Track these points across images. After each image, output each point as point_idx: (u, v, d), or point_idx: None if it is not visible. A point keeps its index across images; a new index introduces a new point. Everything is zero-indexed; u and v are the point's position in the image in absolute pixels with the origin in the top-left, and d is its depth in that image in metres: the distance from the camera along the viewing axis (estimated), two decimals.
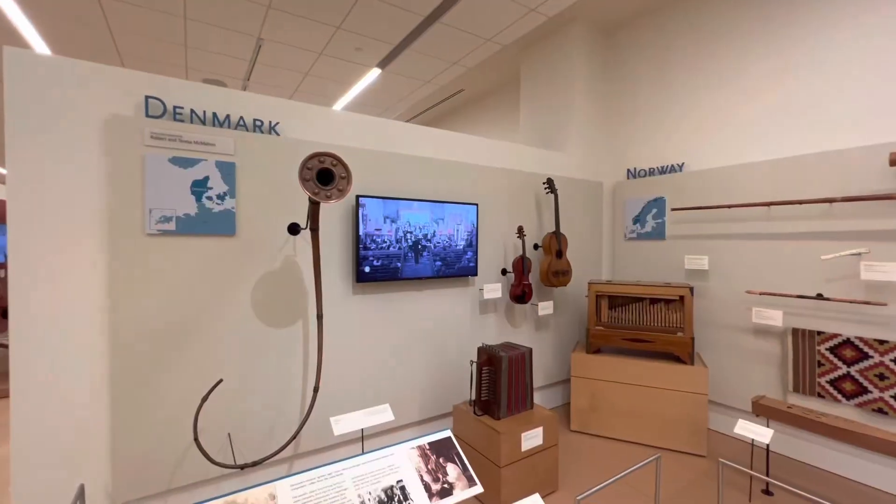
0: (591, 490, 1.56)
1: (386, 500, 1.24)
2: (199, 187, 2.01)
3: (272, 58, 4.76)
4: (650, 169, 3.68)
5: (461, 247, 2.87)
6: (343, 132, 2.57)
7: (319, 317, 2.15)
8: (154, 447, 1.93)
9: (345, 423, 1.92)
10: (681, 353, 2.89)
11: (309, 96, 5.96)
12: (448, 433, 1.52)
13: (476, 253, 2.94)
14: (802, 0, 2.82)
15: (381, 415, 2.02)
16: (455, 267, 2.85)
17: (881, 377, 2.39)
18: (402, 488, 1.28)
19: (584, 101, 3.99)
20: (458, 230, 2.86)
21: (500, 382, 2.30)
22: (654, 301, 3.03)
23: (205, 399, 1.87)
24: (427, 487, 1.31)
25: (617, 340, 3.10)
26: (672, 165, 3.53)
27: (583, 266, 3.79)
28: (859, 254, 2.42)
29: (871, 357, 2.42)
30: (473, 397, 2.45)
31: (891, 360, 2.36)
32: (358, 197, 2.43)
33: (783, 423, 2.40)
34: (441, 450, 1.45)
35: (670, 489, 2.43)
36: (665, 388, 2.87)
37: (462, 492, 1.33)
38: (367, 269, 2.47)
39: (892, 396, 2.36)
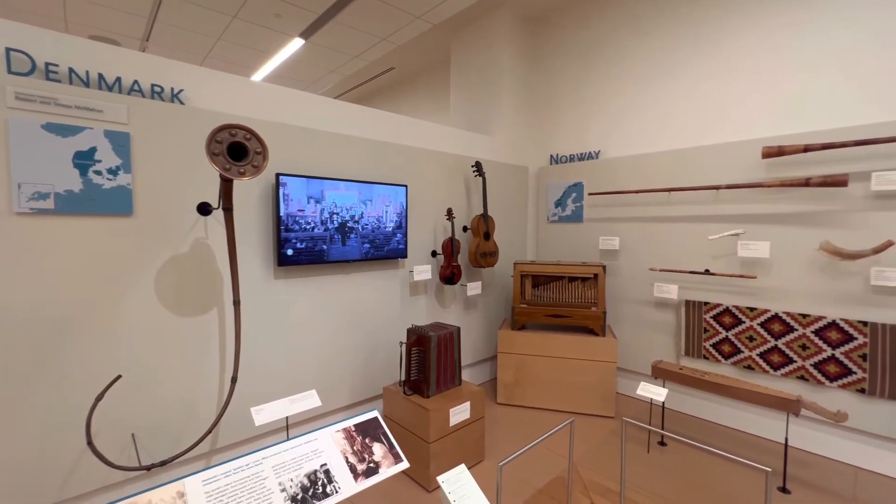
0: (511, 457, 1.67)
1: (309, 485, 1.22)
2: (83, 160, 1.75)
3: (177, 17, 4.24)
4: (571, 155, 3.90)
5: (390, 229, 2.84)
6: (262, 105, 2.39)
7: (236, 303, 2.01)
8: (39, 455, 1.70)
9: (267, 413, 1.84)
10: (594, 326, 3.16)
11: (223, 64, 5.43)
12: (374, 413, 1.53)
13: (406, 235, 2.92)
14: (705, 12, 3.11)
15: (307, 401, 1.96)
16: (384, 249, 2.82)
17: (751, 339, 2.82)
18: (327, 472, 1.27)
19: (512, 87, 4.09)
20: (387, 212, 2.81)
21: (429, 362, 2.35)
22: (572, 279, 3.26)
23: (99, 398, 1.68)
24: (353, 468, 1.31)
25: (539, 317, 3.30)
26: (590, 152, 3.77)
27: (509, 247, 3.94)
28: (737, 234, 2.80)
29: (744, 322, 2.84)
30: (403, 378, 2.47)
31: (758, 325, 2.78)
32: (278, 175, 2.29)
33: (676, 384, 2.75)
34: (367, 430, 1.45)
35: (583, 448, 2.68)
36: (580, 358, 3.12)
37: (388, 469, 1.35)
38: (289, 252, 2.35)
39: (758, 355, 2.79)
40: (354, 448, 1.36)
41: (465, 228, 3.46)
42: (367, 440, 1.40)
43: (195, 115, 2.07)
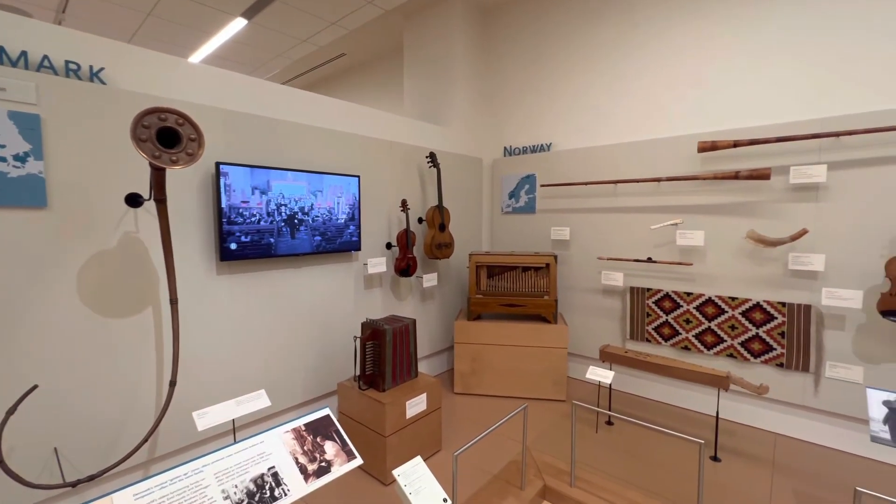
0: (466, 446, 1.69)
1: (255, 489, 1.16)
2: None
3: None
4: (524, 147, 3.97)
5: (343, 221, 2.76)
6: (199, 88, 2.22)
7: (173, 301, 1.87)
8: None
9: (211, 417, 1.74)
10: (546, 313, 3.26)
11: (156, 43, 4.99)
12: (326, 411, 1.48)
13: (359, 227, 2.85)
14: (646, 11, 3.24)
15: (256, 402, 1.88)
16: (337, 242, 2.73)
17: (687, 322, 3.02)
18: (275, 475, 1.21)
19: (466, 78, 4.08)
20: (339, 203, 2.73)
21: (384, 355, 2.32)
22: (525, 269, 3.33)
23: (11, 412, 1.51)
24: (303, 469, 1.26)
25: (494, 306, 3.35)
26: (542, 145, 3.85)
27: (464, 238, 3.97)
28: (676, 224, 2.98)
29: (682, 306, 3.04)
30: (358, 373, 2.42)
31: (694, 308, 2.99)
32: (219, 164, 2.14)
33: (622, 366, 2.90)
34: (319, 429, 1.40)
35: (537, 432, 2.77)
36: (534, 345, 3.21)
37: (340, 467, 1.31)
38: (233, 247, 2.22)
39: (694, 336, 3.00)
40: (305, 448, 1.32)
41: (420, 220, 3.43)
42: (318, 439, 1.36)
43: (120, 97, 1.88)
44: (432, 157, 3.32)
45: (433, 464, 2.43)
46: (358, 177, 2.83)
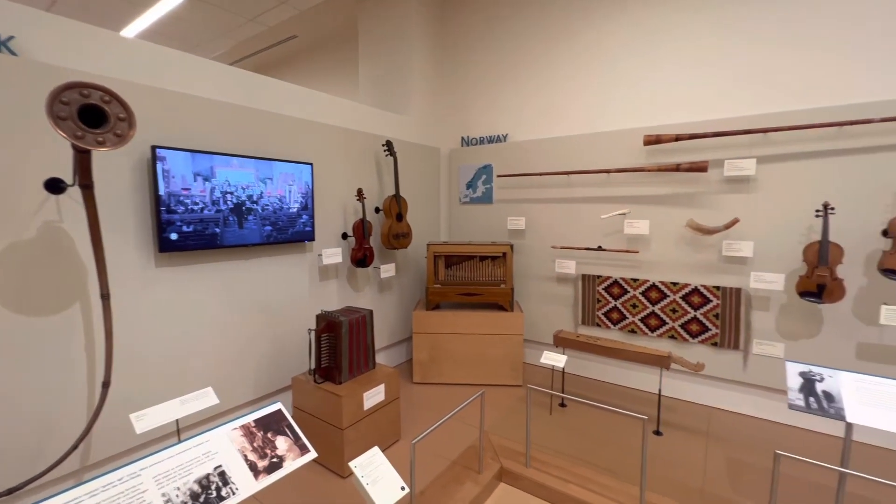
0: (423, 434, 1.69)
1: (200, 490, 1.10)
2: None
3: None
4: (481, 138, 3.99)
5: (295, 210, 2.66)
6: (132, 65, 2.03)
7: (104, 296, 1.73)
8: None
9: (152, 418, 1.64)
10: (503, 302, 3.33)
11: (83, 14, 4.53)
12: (277, 406, 1.43)
13: (313, 216, 2.76)
14: (599, 13, 3.34)
15: (202, 400, 1.79)
16: (289, 232, 2.63)
17: (634, 306, 3.20)
18: (222, 474, 1.16)
19: (423, 66, 4.03)
20: (290, 191, 2.62)
21: (340, 347, 2.27)
22: (482, 258, 3.38)
23: None
24: (253, 466, 1.22)
25: (452, 296, 3.37)
26: (499, 135, 3.89)
27: (422, 228, 3.95)
28: (624, 214, 3.13)
29: (629, 292, 3.21)
30: (314, 366, 2.36)
31: (640, 293, 3.16)
32: (155, 148, 1.99)
33: (574, 350, 3.03)
34: (270, 424, 1.36)
35: (494, 417, 2.84)
36: (491, 333, 3.28)
37: (293, 462, 1.28)
38: (173, 237, 2.08)
39: (639, 320, 3.18)
40: (255, 445, 1.27)
41: (377, 210, 3.37)
42: (269, 435, 1.31)
43: (35, 71, 1.69)
44: (389, 146, 3.26)
45: (392, 453, 2.43)
46: (311, 164, 2.73)
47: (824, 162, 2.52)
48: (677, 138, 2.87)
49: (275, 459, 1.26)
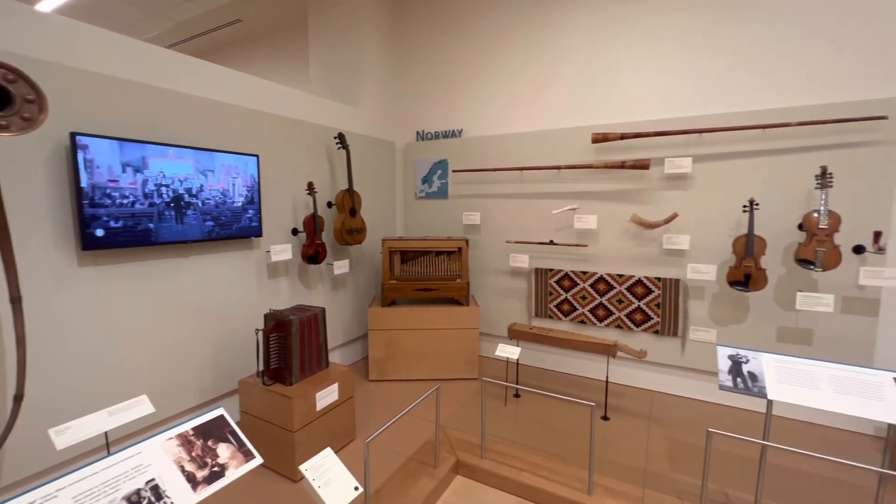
0: (377, 432, 1.67)
1: None
2: None
3: None
4: (436, 132, 3.97)
5: (240, 204, 2.52)
6: (47, 42, 1.82)
7: (15, 300, 1.55)
8: None
9: (75, 432, 1.49)
10: (459, 296, 3.35)
11: None
12: (219, 412, 1.35)
13: (259, 211, 2.63)
14: (552, 14, 3.41)
15: (136, 409, 1.65)
16: (233, 227, 2.49)
17: (583, 298, 3.33)
18: (155, 488, 1.08)
19: (377, 57, 3.94)
20: (234, 185, 2.48)
21: (290, 347, 2.19)
22: (438, 253, 3.38)
23: None
24: (191, 477, 1.14)
25: (408, 291, 3.35)
26: (454, 130, 3.89)
27: (378, 223, 3.88)
28: (573, 209, 3.24)
29: (579, 284, 3.33)
30: (262, 368, 2.26)
31: (589, 286, 3.29)
32: (75, 135, 1.80)
33: (528, 342, 3.11)
34: (210, 432, 1.28)
35: (450, 411, 2.86)
36: (447, 328, 3.29)
37: (236, 470, 1.21)
38: (99, 234, 1.90)
39: (588, 311, 3.32)
40: (193, 454, 1.19)
41: (329, 204, 3.27)
42: (209, 443, 1.24)
43: None
44: (341, 139, 3.17)
45: (346, 454, 2.38)
46: (257, 156, 2.60)
47: (750, 161, 2.73)
48: (623, 137, 3.00)
49: (216, 468, 1.19)
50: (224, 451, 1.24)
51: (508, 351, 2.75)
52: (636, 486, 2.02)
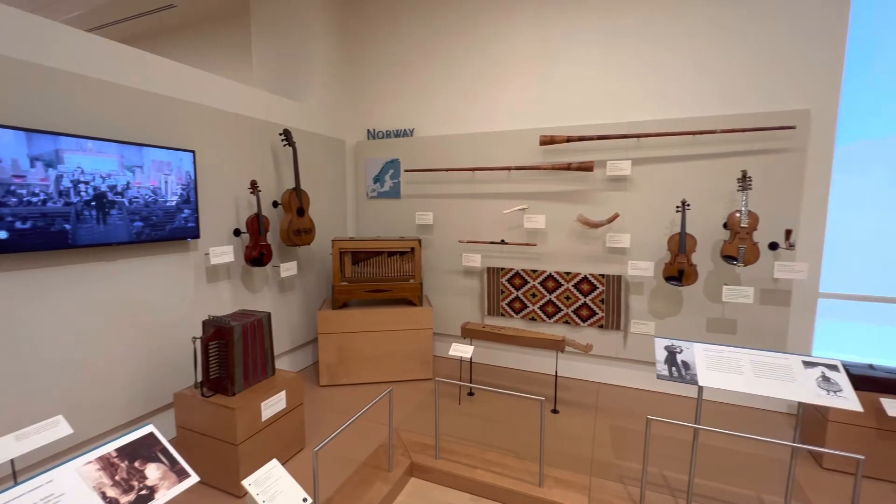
0: (326, 440, 1.61)
1: None
2: None
3: None
4: (387, 131, 3.92)
5: (174, 203, 2.34)
6: None
7: None
8: None
9: None
10: (412, 297, 3.33)
11: None
12: (148, 429, 1.24)
13: (196, 211, 2.46)
14: (503, 18, 3.46)
15: (50, 432, 1.49)
16: (166, 228, 2.31)
17: (533, 296, 3.42)
18: None
19: (325, 52, 3.81)
20: (166, 182, 2.30)
21: (232, 355, 2.06)
22: (391, 254, 3.33)
23: None
24: (113, 503, 1.03)
25: (360, 293, 3.28)
26: (405, 130, 3.86)
27: (328, 224, 3.77)
28: (523, 209, 3.32)
29: (529, 283, 3.42)
30: (200, 378, 2.11)
31: (538, 283, 3.39)
32: None
33: (481, 340, 3.15)
34: (137, 451, 1.17)
35: (405, 412, 2.83)
36: (401, 329, 3.25)
37: (168, 491, 1.12)
38: (2, 236, 1.68)
39: (538, 308, 3.42)
40: (116, 478, 1.08)
41: (275, 204, 3.13)
42: (136, 464, 1.13)
43: None
44: (287, 135, 3.04)
45: (295, 464, 2.28)
46: (193, 152, 2.42)
47: (682, 165, 2.94)
48: (569, 140, 3.12)
49: (144, 491, 1.09)
50: (154, 472, 1.14)
51: (462, 350, 2.77)
52: (584, 475, 2.10)
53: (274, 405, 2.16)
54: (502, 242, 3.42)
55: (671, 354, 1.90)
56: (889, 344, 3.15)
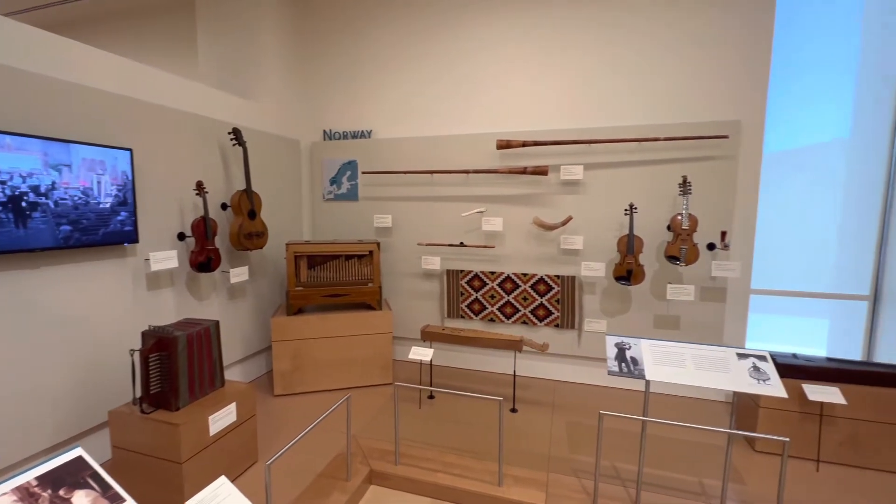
0: (280, 452, 1.55)
1: None
2: None
3: None
4: (344, 132, 3.84)
5: (108, 205, 2.17)
6: None
7: None
8: None
9: None
10: (371, 301, 3.28)
11: None
12: (76, 452, 1.13)
13: (134, 213, 2.29)
14: (460, 22, 3.49)
15: None
16: (99, 233, 2.13)
17: (492, 297, 3.48)
18: None
19: (278, 48, 3.68)
20: (100, 183, 2.12)
21: (175, 367, 1.93)
22: (348, 257, 3.26)
23: None
24: None
25: (317, 298, 3.19)
26: (363, 131, 3.80)
27: (282, 227, 3.63)
28: (481, 212, 3.37)
29: (488, 284, 3.47)
30: (140, 394, 1.97)
31: (497, 285, 3.45)
32: None
33: (441, 342, 3.15)
34: (63, 478, 1.06)
35: (364, 419, 2.77)
36: (359, 334, 3.20)
37: None
38: None
39: (497, 309, 3.47)
40: None
41: (224, 206, 2.98)
42: (61, 492, 1.03)
43: None
44: (237, 134, 2.90)
45: (247, 479, 2.18)
46: (130, 150, 2.26)
47: (630, 170, 3.10)
48: (524, 144, 3.19)
49: None
50: (82, 500, 1.04)
51: (421, 353, 2.76)
52: (541, 472, 2.16)
53: (223, 418, 2.05)
54: (461, 245, 3.44)
55: (621, 351, 1.99)
56: (810, 334, 3.48)
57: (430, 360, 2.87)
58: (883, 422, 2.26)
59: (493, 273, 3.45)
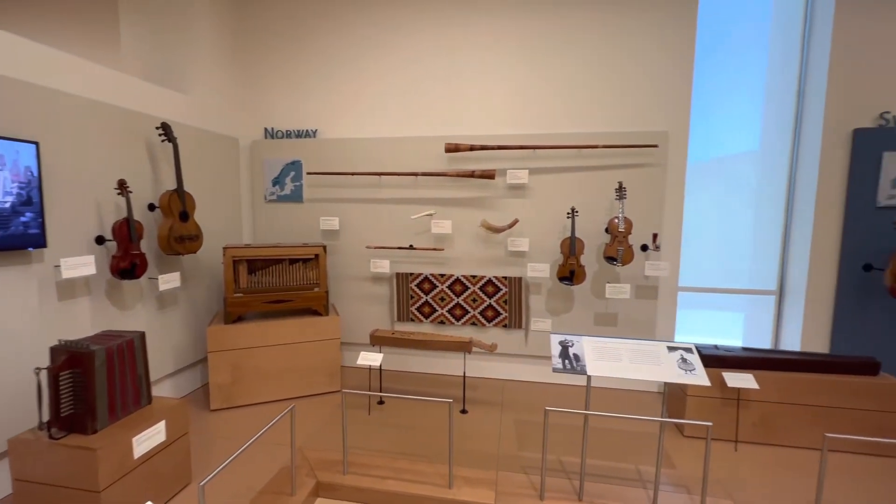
0: (216, 471, 1.45)
1: None
2: None
3: None
4: (287, 131, 3.69)
5: (8, 205, 1.91)
6: None
7: None
8: None
9: None
10: (317, 306, 3.16)
11: None
12: None
13: (42, 214, 2.04)
14: (408, 22, 3.47)
15: None
16: None
17: (442, 299, 3.49)
18: None
19: (214, 39, 3.46)
20: None
21: (92, 385, 1.74)
22: (293, 261, 3.13)
23: None
24: None
25: (258, 305, 3.02)
26: (307, 130, 3.67)
27: (219, 229, 3.41)
28: (430, 214, 3.38)
29: (438, 287, 3.48)
30: (48, 417, 1.75)
31: (447, 287, 3.47)
32: None
33: (391, 346, 3.10)
34: None
35: (311, 429, 2.67)
36: (305, 341, 3.07)
37: None
38: None
39: (447, 311, 3.49)
40: None
41: (151, 207, 2.74)
42: None
43: None
44: (166, 130, 2.69)
45: (180, 502, 2.01)
46: (36, 144, 2.01)
47: (571, 175, 3.25)
48: (472, 148, 3.25)
49: None
50: None
51: (370, 358, 2.71)
52: (491, 471, 2.18)
53: (150, 439, 1.88)
54: (410, 248, 3.42)
55: (564, 348, 2.07)
56: (728, 327, 3.84)
57: (380, 365, 2.82)
58: (789, 402, 2.54)
59: (442, 275, 3.47)
